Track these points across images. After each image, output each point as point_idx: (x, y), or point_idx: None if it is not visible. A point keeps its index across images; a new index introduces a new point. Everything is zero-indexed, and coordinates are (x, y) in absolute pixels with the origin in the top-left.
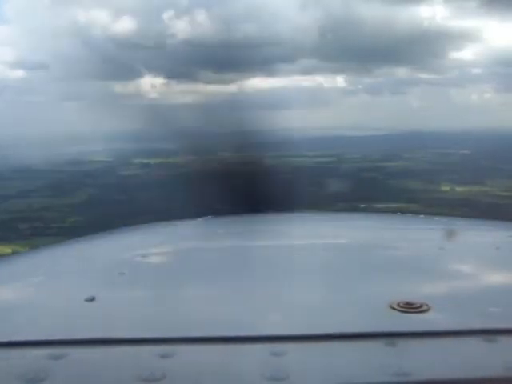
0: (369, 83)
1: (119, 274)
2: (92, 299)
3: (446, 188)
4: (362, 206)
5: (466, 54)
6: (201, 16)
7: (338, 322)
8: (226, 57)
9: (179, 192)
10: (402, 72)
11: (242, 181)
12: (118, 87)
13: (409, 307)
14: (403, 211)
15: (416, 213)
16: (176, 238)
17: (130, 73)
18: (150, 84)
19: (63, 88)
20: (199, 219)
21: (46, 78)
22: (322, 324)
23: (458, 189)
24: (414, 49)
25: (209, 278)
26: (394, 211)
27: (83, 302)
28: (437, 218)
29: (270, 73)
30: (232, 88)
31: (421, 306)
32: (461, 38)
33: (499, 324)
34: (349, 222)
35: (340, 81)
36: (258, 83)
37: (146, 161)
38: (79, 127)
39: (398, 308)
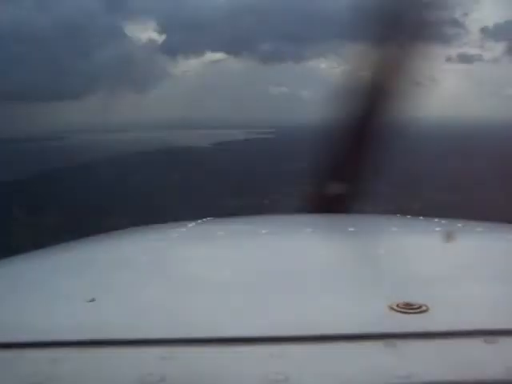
0: None
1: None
2: (92, 300)
3: None
4: None
5: None
6: None
7: (337, 323)
8: None
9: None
10: None
11: None
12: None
13: (408, 308)
14: None
15: None
16: (177, 240)
17: None
18: None
19: None
20: (200, 220)
21: None
22: (321, 325)
23: None
24: None
25: (209, 279)
26: None
27: (83, 303)
28: (436, 220)
29: None
30: None
31: (420, 307)
32: None
33: (499, 325)
34: (348, 223)
35: None
36: None
37: None
38: None
39: (398, 309)
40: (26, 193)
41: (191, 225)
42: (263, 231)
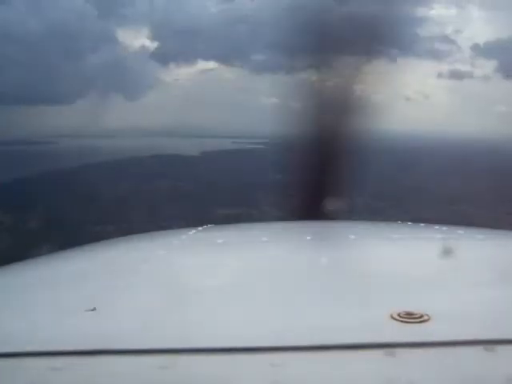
0: None
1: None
2: (93, 309)
3: None
4: None
5: None
6: None
7: (338, 332)
8: None
9: None
10: None
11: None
12: None
13: (409, 317)
14: None
15: None
16: (176, 248)
17: None
18: None
19: None
20: (201, 228)
21: None
22: (322, 334)
23: None
24: None
25: (209, 288)
26: None
27: (84, 313)
28: (437, 227)
29: None
30: None
31: (421, 317)
32: None
33: (500, 335)
34: (349, 231)
35: None
36: None
37: None
38: None
39: (399, 318)
40: (10, 196)
41: (190, 233)
42: (262, 239)
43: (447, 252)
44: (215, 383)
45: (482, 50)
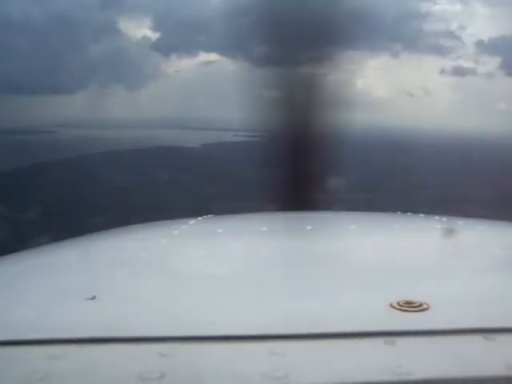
0: None
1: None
2: (93, 298)
3: None
4: None
5: None
6: None
7: (338, 321)
8: None
9: None
10: None
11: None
12: None
13: (409, 306)
14: None
15: None
16: (176, 238)
17: None
18: None
19: None
20: (200, 218)
21: None
22: (322, 323)
23: None
24: None
25: (209, 277)
26: None
27: (84, 301)
28: (437, 217)
29: None
30: None
31: (421, 305)
32: None
33: (499, 323)
34: (349, 221)
35: None
36: None
37: None
38: None
39: (398, 307)
40: (9, 186)
41: (190, 222)
42: (262, 229)
43: (446, 241)
44: (215, 370)
45: (486, 47)
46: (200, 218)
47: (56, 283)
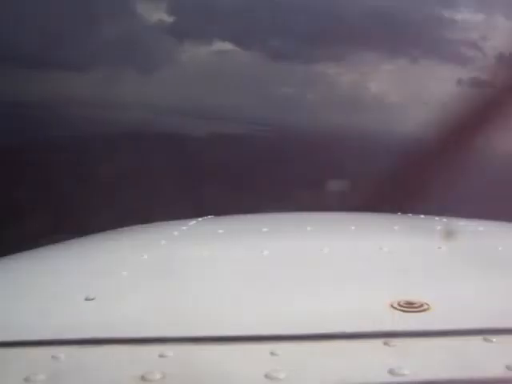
0: None
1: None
2: (92, 299)
3: None
4: None
5: None
6: None
7: (338, 321)
8: None
9: None
10: None
11: None
12: None
13: (409, 306)
14: None
15: None
16: (176, 238)
17: None
18: None
19: None
20: (200, 219)
21: None
22: (322, 323)
23: None
24: None
25: (209, 277)
26: None
27: (84, 302)
28: (437, 218)
29: None
30: None
31: (421, 306)
32: None
33: (500, 323)
34: (349, 221)
35: None
36: None
37: None
38: None
39: (399, 307)
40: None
41: (192, 223)
42: (264, 229)
43: (447, 242)
44: (216, 371)
45: (507, 61)
46: (200, 219)
47: (56, 283)
